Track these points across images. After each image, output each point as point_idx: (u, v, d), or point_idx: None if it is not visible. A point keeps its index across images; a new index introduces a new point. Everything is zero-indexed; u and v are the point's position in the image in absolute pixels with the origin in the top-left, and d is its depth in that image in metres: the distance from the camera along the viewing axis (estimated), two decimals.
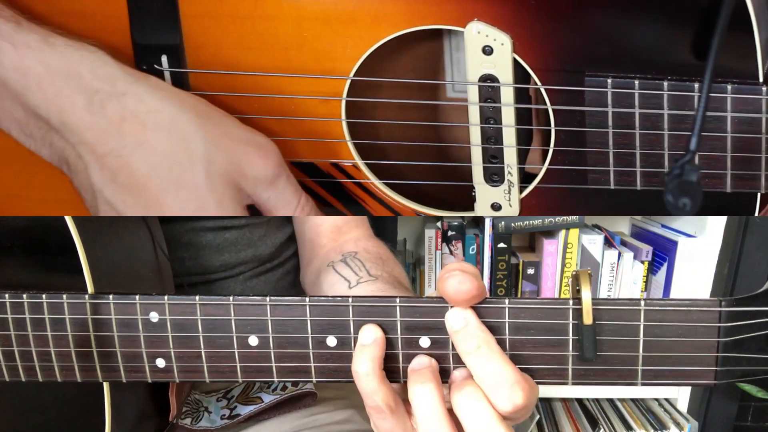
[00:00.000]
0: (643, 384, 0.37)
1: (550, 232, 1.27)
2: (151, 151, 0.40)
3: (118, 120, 0.40)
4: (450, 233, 1.29)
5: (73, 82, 0.40)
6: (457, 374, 0.38)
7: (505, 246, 1.24)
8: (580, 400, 1.43)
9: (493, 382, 0.35)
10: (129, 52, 0.47)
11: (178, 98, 0.42)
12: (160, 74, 0.47)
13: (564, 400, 1.43)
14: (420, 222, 1.43)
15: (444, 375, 0.38)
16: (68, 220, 0.42)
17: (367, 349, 0.37)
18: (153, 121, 0.40)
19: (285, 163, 0.46)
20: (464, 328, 0.36)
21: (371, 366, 0.36)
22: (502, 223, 1.22)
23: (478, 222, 1.32)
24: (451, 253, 1.30)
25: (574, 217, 1.24)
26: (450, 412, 0.36)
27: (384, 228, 0.86)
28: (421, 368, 0.37)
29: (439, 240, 1.29)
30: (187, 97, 0.43)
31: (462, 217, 1.32)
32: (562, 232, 1.25)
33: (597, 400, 1.42)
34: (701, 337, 0.36)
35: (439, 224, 1.30)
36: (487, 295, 0.37)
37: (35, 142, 0.43)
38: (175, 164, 0.40)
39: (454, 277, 0.35)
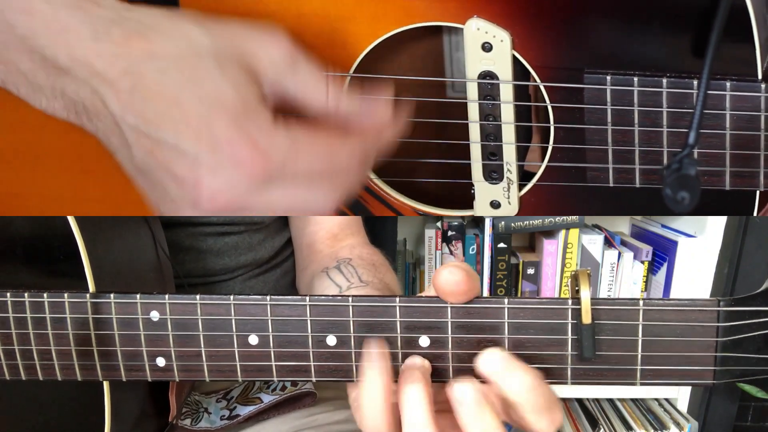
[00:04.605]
0: (642, 384, 0.37)
1: (550, 232, 1.27)
2: (160, 59, 0.40)
3: (124, 40, 0.40)
4: (450, 233, 1.29)
5: (77, 14, 0.40)
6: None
7: (505, 246, 1.24)
8: (580, 400, 1.43)
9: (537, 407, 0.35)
10: None
11: (179, 13, 0.42)
12: None
13: (564, 400, 1.43)
14: (420, 222, 1.43)
15: (443, 375, 0.38)
16: (70, 219, 0.42)
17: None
18: (157, 32, 0.40)
19: (299, 47, 0.44)
20: (506, 365, 0.36)
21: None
22: (502, 223, 1.22)
23: (478, 222, 1.32)
24: (451, 253, 1.30)
25: (574, 217, 1.24)
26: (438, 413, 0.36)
27: (384, 228, 0.86)
28: (412, 368, 0.37)
29: (439, 240, 1.29)
30: (187, 12, 0.43)
31: (462, 217, 1.32)
32: (562, 232, 1.25)
33: (597, 400, 1.42)
34: (700, 337, 0.36)
35: (439, 224, 1.30)
36: (484, 295, 0.37)
37: (46, 97, 0.42)
38: (184, 64, 0.40)
39: (445, 269, 0.35)
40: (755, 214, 0.49)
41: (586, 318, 0.36)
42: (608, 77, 0.47)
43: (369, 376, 0.35)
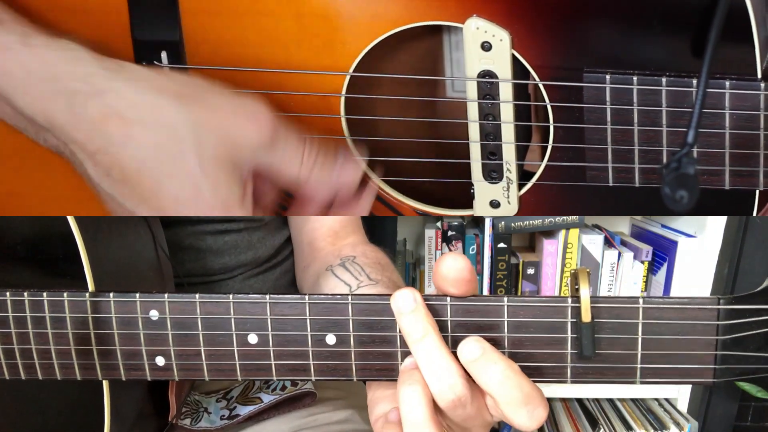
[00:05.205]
0: (642, 382, 0.37)
1: (550, 232, 1.27)
2: (138, 145, 0.40)
3: (101, 119, 0.40)
4: (450, 233, 1.29)
5: (52, 85, 0.40)
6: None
7: (505, 246, 1.24)
8: (580, 400, 1.43)
9: (517, 401, 0.35)
10: (129, 49, 0.47)
11: (158, 85, 0.41)
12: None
13: (564, 400, 1.43)
14: (420, 222, 1.43)
15: None
16: (70, 219, 0.42)
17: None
18: (135, 115, 0.40)
19: (279, 119, 0.45)
20: (482, 354, 0.35)
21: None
22: (502, 223, 1.22)
23: (478, 222, 1.32)
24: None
25: (574, 217, 1.24)
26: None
27: (384, 228, 0.86)
28: (411, 368, 0.37)
29: (439, 240, 1.29)
30: (166, 81, 0.42)
31: (462, 217, 1.32)
32: (562, 232, 1.25)
33: (597, 400, 1.42)
34: (700, 335, 0.36)
35: (439, 224, 1.30)
36: (482, 293, 0.37)
37: (33, 136, 0.43)
38: (164, 156, 0.40)
39: (448, 256, 0.36)
40: (755, 213, 0.49)
41: (586, 316, 0.36)
42: (607, 76, 0.47)
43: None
